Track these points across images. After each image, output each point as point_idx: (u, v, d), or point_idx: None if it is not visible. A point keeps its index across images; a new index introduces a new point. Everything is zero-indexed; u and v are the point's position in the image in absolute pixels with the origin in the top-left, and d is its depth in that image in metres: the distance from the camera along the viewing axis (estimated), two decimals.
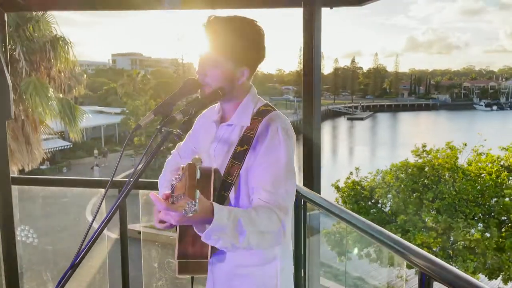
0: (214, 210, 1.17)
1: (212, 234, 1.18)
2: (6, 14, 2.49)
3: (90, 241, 1.20)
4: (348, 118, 78.51)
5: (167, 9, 2.85)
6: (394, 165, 12.40)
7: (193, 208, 1.09)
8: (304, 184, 2.50)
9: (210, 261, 1.48)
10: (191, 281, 1.58)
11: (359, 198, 12.34)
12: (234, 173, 1.40)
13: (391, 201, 12.01)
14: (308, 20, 2.37)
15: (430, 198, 11.29)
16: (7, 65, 2.29)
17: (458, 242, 10.86)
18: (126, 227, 2.65)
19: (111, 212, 1.22)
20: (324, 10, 2.54)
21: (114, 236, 2.82)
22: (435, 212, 11.19)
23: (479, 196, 11.34)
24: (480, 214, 11.32)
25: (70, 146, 30.70)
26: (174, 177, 1.48)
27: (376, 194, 12.22)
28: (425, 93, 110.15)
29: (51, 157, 22.83)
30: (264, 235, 1.27)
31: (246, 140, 1.40)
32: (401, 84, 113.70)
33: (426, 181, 11.67)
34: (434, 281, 1.41)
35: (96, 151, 33.57)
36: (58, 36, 11.29)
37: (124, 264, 2.67)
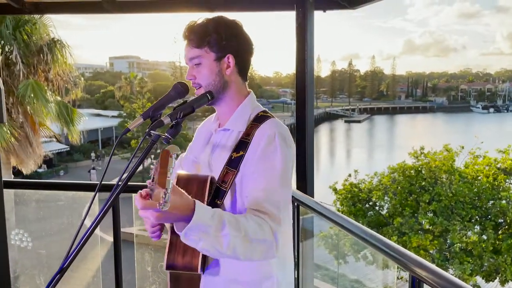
0: (195, 207, 1.10)
1: (191, 233, 1.10)
2: None
3: (79, 244, 1.19)
4: (345, 121, 78.72)
5: (166, 12, 2.86)
6: (391, 167, 12.42)
7: (163, 200, 0.98)
8: (297, 187, 2.50)
9: (202, 275, 1.40)
10: None
11: (357, 201, 12.33)
12: (229, 180, 1.34)
13: (388, 203, 12.02)
14: (300, 23, 2.38)
15: (427, 200, 11.29)
16: (0, 68, 2.28)
17: (455, 245, 10.85)
18: (119, 230, 2.65)
19: (100, 214, 1.21)
20: (320, 14, 2.56)
21: (110, 239, 2.81)
22: (432, 214, 11.20)
23: (476, 198, 11.35)
24: (477, 217, 11.33)
25: (68, 149, 30.65)
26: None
27: (373, 197, 12.23)
28: (422, 95, 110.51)
29: (48, 160, 22.77)
30: (252, 244, 1.18)
31: (242, 146, 1.34)
32: (398, 86, 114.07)
33: (423, 183, 11.68)
34: (425, 284, 1.42)
35: (93, 154, 33.53)
36: (55, 39, 11.29)
37: (117, 267, 2.67)
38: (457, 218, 10.93)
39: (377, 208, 12.40)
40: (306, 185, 2.44)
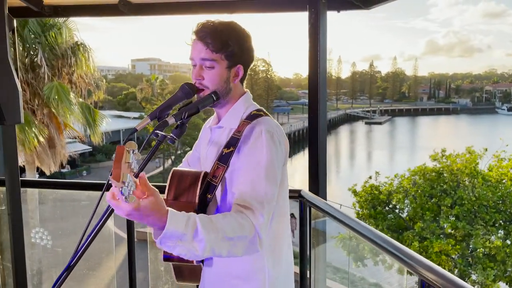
0: (168, 216, 1.11)
1: (166, 241, 1.13)
2: (15, 20, 2.55)
3: (84, 243, 1.21)
4: (366, 123, 77.89)
5: (182, 14, 2.88)
6: (411, 170, 12.22)
7: (121, 189, 1.00)
8: (309, 189, 2.48)
9: (203, 266, 1.48)
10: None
11: (376, 203, 12.17)
12: (219, 175, 1.38)
13: (408, 206, 11.82)
14: (313, 24, 2.37)
15: (449, 204, 11.06)
16: (17, 70, 2.34)
17: (478, 250, 10.59)
18: (133, 229, 2.69)
19: (106, 214, 1.23)
20: (339, 15, 2.54)
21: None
22: (454, 218, 10.96)
23: (500, 202, 11.07)
24: (500, 221, 11.05)
25: (90, 150, 31.27)
26: None
27: (393, 199, 12.04)
28: (445, 97, 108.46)
29: (71, 160, 23.29)
30: (232, 242, 1.20)
31: (233, 142, 1.39)
32: (420, 88, 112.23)
33: (444, 186, 11.45)
34: None
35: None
36: (79, 42, 11.57)
37: (131, 266, 2.70)
38: (480, 222, 10.68)
39: (397, 211, 12.21)
40: (318, 186, 2.42)
